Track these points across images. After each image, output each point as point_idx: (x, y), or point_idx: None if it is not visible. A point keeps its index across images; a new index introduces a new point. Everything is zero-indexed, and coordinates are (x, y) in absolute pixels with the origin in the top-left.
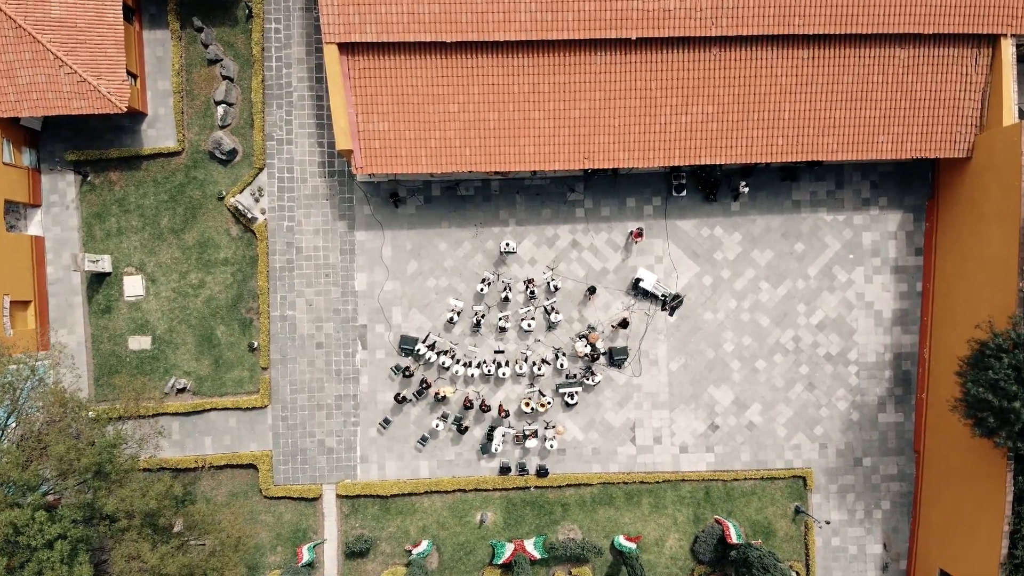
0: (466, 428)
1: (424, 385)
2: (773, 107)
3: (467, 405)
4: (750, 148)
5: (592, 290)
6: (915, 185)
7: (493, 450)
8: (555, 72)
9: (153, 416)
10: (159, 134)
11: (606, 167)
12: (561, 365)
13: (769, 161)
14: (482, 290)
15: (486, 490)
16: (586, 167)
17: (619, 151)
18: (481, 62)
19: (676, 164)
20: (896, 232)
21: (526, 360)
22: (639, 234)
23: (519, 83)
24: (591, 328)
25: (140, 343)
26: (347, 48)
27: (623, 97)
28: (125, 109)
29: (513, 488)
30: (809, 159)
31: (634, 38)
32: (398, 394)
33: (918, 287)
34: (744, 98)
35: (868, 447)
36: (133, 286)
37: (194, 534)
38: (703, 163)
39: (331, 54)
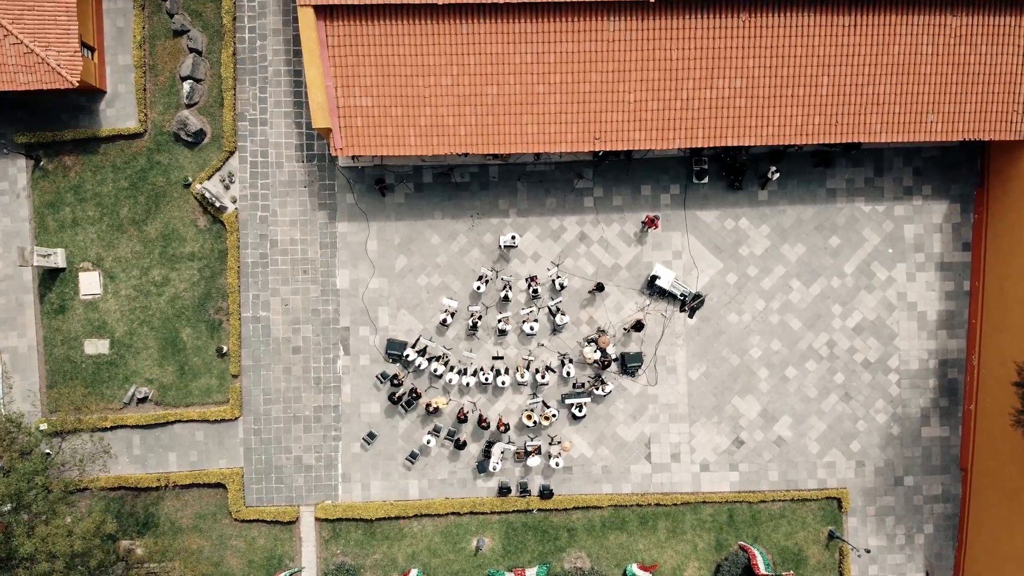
0: (464, 443)
1: (414, 395)
2: (809, 82)
3: (462, 418)
4: (783, 128)
5: (600, 287)
6: (962, 172)
7: (491, 468)
8: (562, 40)
9: (111, 429)
10: (119, 114)
11: (619, 149)
12: (567, 373)
13: (803, 143)
14: (479, 288)
15: (483, 513)
16: (596, 149)
17: (634, 131)
18: (478, 28)
19: (698, 146)
20: (942, 225)
21: (528, 367)
22: (654, 221)
23: (521, 52)
24: (601, 331)
25: (97, 347)
26: (325, 11)
27: (639, 69)
28: (77, 84)
29: (513, 511)
30: (849, 140)
31: (652, 0)
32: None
33: (966, 286)
34: (776, 71)
35: (910, 465)
36: (89, 283)
37: (150, 567)
38: (729, 145)
39: (306, 18)
